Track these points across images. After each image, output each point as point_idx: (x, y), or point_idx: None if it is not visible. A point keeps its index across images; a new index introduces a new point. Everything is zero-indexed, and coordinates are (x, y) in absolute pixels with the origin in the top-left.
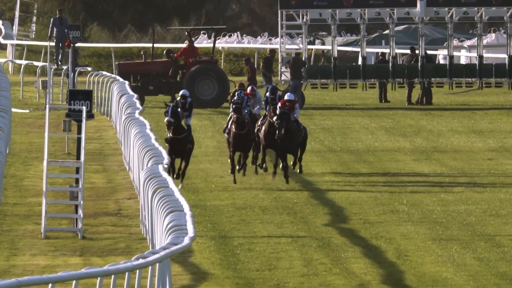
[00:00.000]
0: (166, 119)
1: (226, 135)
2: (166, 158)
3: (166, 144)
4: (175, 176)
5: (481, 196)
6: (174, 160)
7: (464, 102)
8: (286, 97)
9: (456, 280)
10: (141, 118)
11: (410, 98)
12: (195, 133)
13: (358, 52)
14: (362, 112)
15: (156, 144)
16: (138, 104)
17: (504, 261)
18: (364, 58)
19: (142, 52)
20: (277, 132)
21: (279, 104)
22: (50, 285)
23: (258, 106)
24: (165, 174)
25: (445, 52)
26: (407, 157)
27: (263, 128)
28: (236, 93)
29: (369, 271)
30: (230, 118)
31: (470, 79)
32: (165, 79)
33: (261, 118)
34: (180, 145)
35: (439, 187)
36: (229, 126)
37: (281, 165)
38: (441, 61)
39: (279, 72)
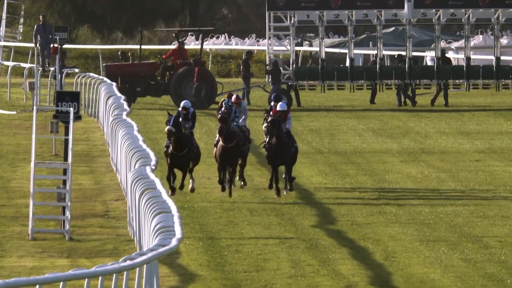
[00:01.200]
0: (167, 128)
1: (214, 147)
2: (153, 160)
3: (166, 157)
4: (170, 192)
5: (468, 198)
6: (175, 178)
7: (452, 103)
8: (278, 107)
9: (444, 281)
10: (129, 119)
11: (434, 101)
12: None
13: (346, 53)
14: (349, 113)
15: (144, 146)
16: (125, 106)
17: (492, 262)
18: (351, 60)
19: (129, 54)
20: (267, 140)
21: (270, 114)
22: (37, 286)
23: (243, 117)
24: (152, 176)
25: (432, 54)
26: (395, 158)
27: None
28: (224, 103)
29: (357, 272)
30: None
31: (457, 81)
32: (153, 80)
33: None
34: (181, 162)
35: (427, 188)
36: (217, 139)
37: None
38: (429, 63)
39: (266, 74)
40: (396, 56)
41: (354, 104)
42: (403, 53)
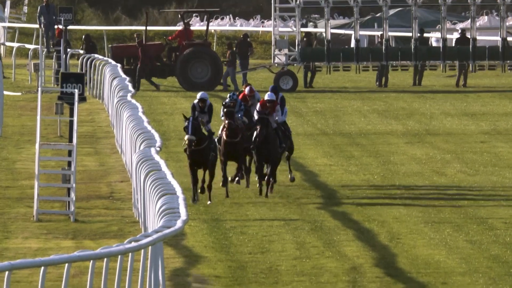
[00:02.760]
0: (186, 137)
1: (218, 145)
2: (158, 141)
3: (187, 157)
4: (199, 191)
5: (473, 179)
6: (197, 172)
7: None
8: (266, 97)
9: (448, 263)
10: (133, 101)
11: (459, 82)
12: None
13: (351, 35)
14: (354, 95)
15: (149, 127)
16: (130, 87)
17: (497, 244)
18: (357, 41)
19: (135, 35)
20: (253, 139)
21: (258, 106)
22: (42, 268)
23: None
24: (157, 157)
25: (437, 34)
26: (400, 140)
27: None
28: (228, 95)
29: (362, 254)
30: (223, 127)
31: (464, 62)
32: (159, 61)
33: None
34: (202, 157)
35: (432, 170)
36: (220, 133)
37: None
38: (434, 44)
39: (272, 55)
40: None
41: (359, 85)
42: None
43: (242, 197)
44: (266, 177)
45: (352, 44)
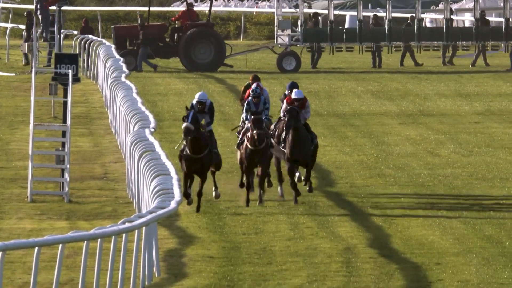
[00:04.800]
0: (184, 124)
1: (237, 149)
2: (152, 122)
3: (181, 161)
4: (186, 196)
5: (467, 160)
6: (192, 181)
7: (451, 65)
8: (294, 95)
9: (442, 243)
10: (127, 81)
11: (475, 62)
12: (181, 97)
13: (344, 15)
14: (349, 75)
15: (143, 108)
16: (124, 68)
17: (490, 224)
18: (360, 22)
19: (138, 15)
20: (283, 133)
21: (285, 104)
22: (36, 248)
23: (266, 107)
24: (151, 138)
25: (432, 15)
26: (394, 120)
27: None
28: (252, 90)
29: (356, 235)
30: (245, 130)
31: (469, 42)
32: (162, 42)
33: (276, 122)
34: (200, 166)
35: (426, 150)
36: (241, 137)
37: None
38: (428, 25)
39: (275, 36)
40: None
41: (353, 66)
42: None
43: (236, 178)
44: (304, 178)
45: (347, 25)
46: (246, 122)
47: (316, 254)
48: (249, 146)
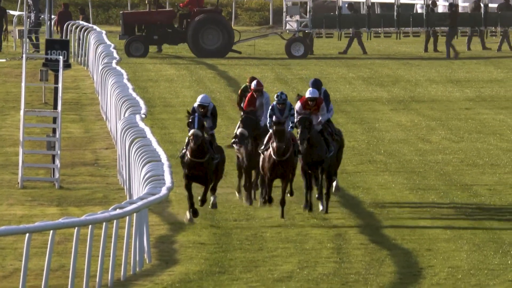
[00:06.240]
0: (192, 131)
1: (261, 154)
2: (143, 108)
3: (183, 168)
4: (191, 211)
5: (458, 146)
6: (191, 187)
7: (442, 51)
8: (308, 94)
9: (433, 230)
10: (118, 67)
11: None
12: (172, 83)
13: (335, 1)
14: (340, 61)
15: (134, 94)
16: (115, 54)
17: (481, 210)
18: (368, 7)
19: (147, 1)
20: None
21: (298, 105)
22: (27, 235)
23: (264, 112)
24: (142, 124)
25: (421, 1)
26: (385, 107)
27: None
28: (276, 96)
29: (346, 221)
30: (270, 137)
31: (476, 28)
32: (170, 28)
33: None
34: (201, 171)
35: (417, 136)
36: (264, 145)
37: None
38: (419, 11)
39: (284, 21)
40: (347, 6)
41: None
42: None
43: (227, 164)
44: (326, 191)
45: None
46: (270, 130)
47: (307, 240)
48: (273, 156)
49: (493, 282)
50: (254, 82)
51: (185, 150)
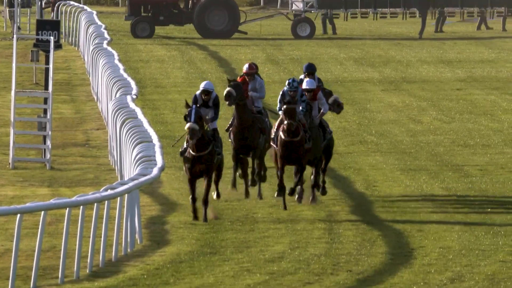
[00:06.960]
0: (188, 125)
1: (273, 145)
2: (134, 89)
3: (184, 163)
4: (194, 208)
5: (449, 126)
6: (195, 184)
7: (434, 32)
8: (304, 85)
9: (424, 210)
10: (109, 48)
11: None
12: (163, 64)
13: None
14: (331, 42)
15: (125, 75)
16: (106, 34)
17: (472, 191)
18: None
19: None
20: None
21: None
22: (18, 215)
23: (259, 95)
24: (133, 105)
25: None
26: (376, 87)
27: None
28: (288, 82)
29: (338, 202)
30: (280, 122)
31: (483, 9)
32: (176, 9)
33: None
34: (204, 164)
35: (408, 117)
36: (275, 131)
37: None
38: None
39: (290, 2)
40: None
41: (338, 32)
42: None
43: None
44: (312, 183)
45: None
46: (280, 112)
47: (299, 221)
48: (282, 137)
49: (484, 263)
50: (246, 66)
51: (186, 146)
